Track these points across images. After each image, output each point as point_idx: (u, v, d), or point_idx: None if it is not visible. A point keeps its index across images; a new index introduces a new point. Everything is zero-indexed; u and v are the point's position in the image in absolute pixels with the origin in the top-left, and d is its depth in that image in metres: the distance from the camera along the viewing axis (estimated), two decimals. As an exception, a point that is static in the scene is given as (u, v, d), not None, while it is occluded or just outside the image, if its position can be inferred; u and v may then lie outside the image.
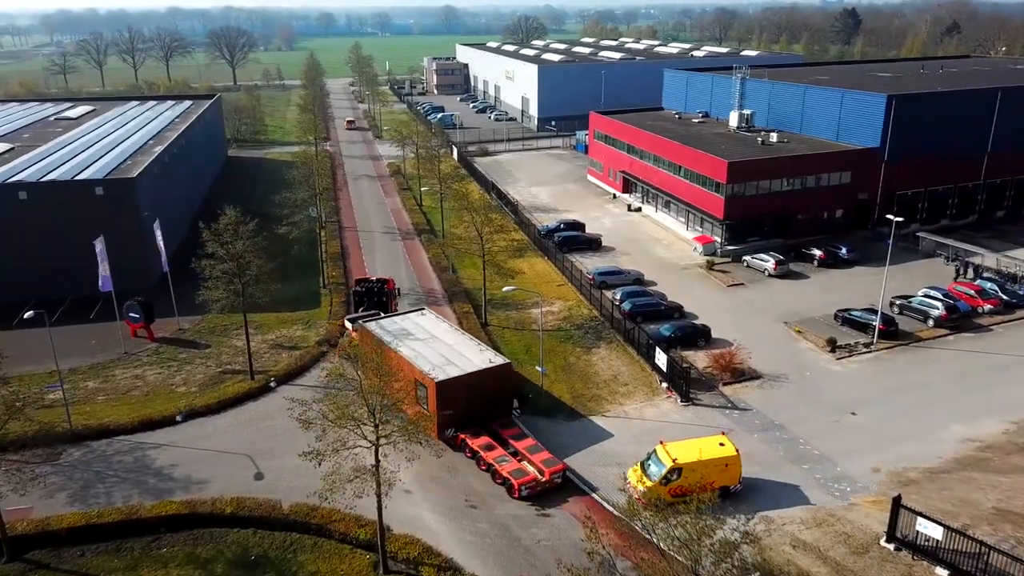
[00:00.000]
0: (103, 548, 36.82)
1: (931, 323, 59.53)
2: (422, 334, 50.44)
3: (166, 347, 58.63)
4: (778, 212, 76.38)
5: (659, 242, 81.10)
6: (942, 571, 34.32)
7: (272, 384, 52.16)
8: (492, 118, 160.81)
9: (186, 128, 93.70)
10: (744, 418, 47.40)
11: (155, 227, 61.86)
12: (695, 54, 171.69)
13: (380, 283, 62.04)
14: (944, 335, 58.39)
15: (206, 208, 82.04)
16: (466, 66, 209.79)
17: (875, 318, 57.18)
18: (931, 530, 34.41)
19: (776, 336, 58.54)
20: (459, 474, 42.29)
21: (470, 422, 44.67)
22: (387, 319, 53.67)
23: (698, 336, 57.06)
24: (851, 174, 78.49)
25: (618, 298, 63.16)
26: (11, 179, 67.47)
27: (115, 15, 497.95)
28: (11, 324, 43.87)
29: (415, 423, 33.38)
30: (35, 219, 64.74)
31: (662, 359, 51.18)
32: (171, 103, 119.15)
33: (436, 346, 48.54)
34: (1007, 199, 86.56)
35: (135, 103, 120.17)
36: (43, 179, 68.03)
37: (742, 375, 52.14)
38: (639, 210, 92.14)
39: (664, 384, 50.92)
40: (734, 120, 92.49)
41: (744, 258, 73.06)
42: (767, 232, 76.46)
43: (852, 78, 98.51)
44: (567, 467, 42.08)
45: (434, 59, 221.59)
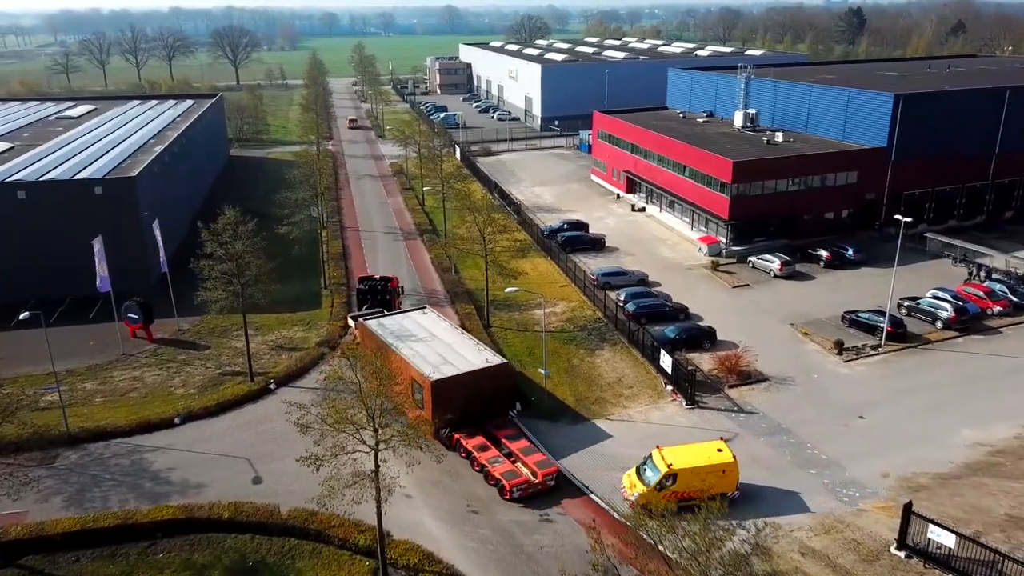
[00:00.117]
0: (98, 554, 36.22)
1: (940, 325, 58.75)
2: (422, 333, 50.14)
3: (165, 348, 58.04)
4: (784, 212, 75.59)
5: (663, 242, 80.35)
6: (954, 580, 33.65)
7: (272, 386, 51.58)
8: (495, 118, 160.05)
9: (187, 127, 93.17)
10: (750, 422, 46.66)
11: (154, 227, 61.28)
12: (699, 53, 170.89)
13: (384, 281, 61.99)
14: (953, 337, 57.62)
15: (207, 208, 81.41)
16: (469, 66, 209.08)
17: (883, 320, 56.41)
18: (943, 538, 33.66)
19: (782, 338, 57.78)
20: (460, 478, 41.61)
21: (466, 422, 44.21)
22: (388, 317, 53.46)
23: (703, 338, 56.33)
24: (857, 174, 77.68)
25: (622, 299, 62.51)
26: (10, 178, 66.98)
27: (118, 15, 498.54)
28: (8, 325, 43.16)
29: (415, 427, 32.69)
30: (34, 219, 64.27)
31: (667, 361, 50.46)
32: (172, 102, 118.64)
33: (435, 345, 48.21)
34: (1015, 199, 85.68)
35: (136, 102, 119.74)
36: (42, 178, 67.55)
37: (748, 378, 51.41)
38: (643, 210, 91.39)
39: (669, 387, 50.18)
40: (739, 119, 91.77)
41: (749, 259, 72.32)
42: (773, 232, 75.66)
43: (858, 77, 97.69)
44: (560, 469, 41.51)
45: (437, 59, 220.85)
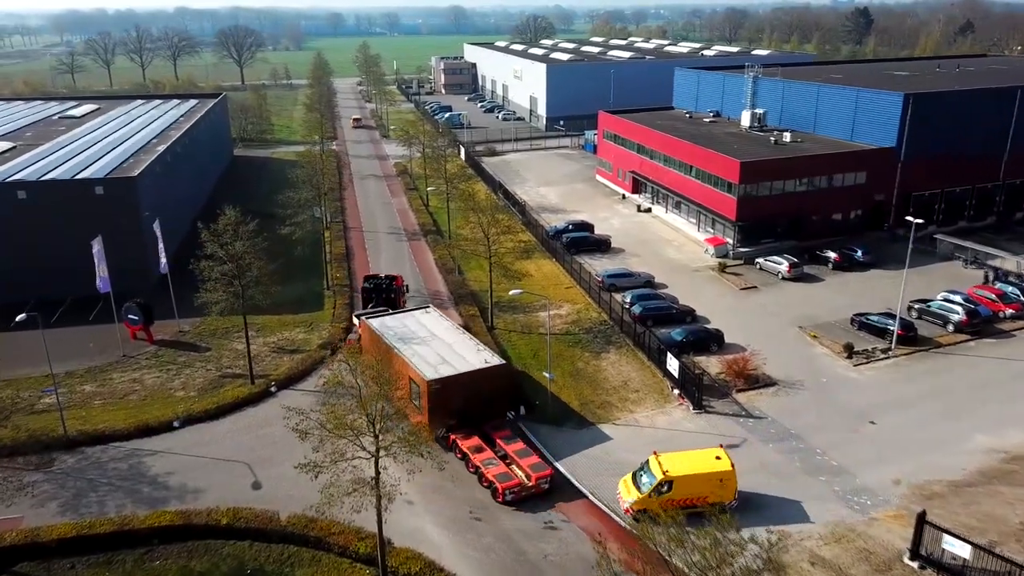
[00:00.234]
0: (94, 560, 35.57)
1: (951, 328, 57.78)
2: (422, 332, 49.99)
3: (166, 350, 57.42)
4: (792, 213, 74.63)
5: (670, 244, 79.47)
6: (969, 591, 32.79)
7: (273, 389, 50.94)
8: (500, 118, 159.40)
9: (190, 127, 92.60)
10: (759, 427, 45.79)
11: (155, 227, 60.67)
12: (706, 53, 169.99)
13: (389, 279, 61.78)
14: (965, 340, 56.65)
15: (210, 208, 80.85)
16: (474, 66, 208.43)
17: (893, 323, 55.49)
18: (958, 548, 32.78)
19: (791, 341, 56.87)
20: (463, 484, 40.83)
21: (464, 422, 43.71)
22: (390, 316, 53.41)
23: (711, 341, 55.47)
24: (866, 174, 76.67)
25: (628, 301, 61.70)
26: (11, 178, 66.49)
27: (124, 15, 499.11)
28: (8, 326, 42.62)
29: (416, 433, 31.93)
30: (35, 218, 63.77)
31: (674, 365, 49.63)
32: (176, 102, 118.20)
33: (434, 345, 48.03)
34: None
35: (140, 102, 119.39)
36: (43, 178, 67.03)
37: (756, 382, 50.53)
38: (649, 211, 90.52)
39: (676, 391, 49.34)
40: (746, 119, 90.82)
41: (757, 260, 71.42)
42: (780, 234, 74.71)
43: (866, 77, 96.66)
44: (554, 473, 40.88)
45: (442, 59, 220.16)
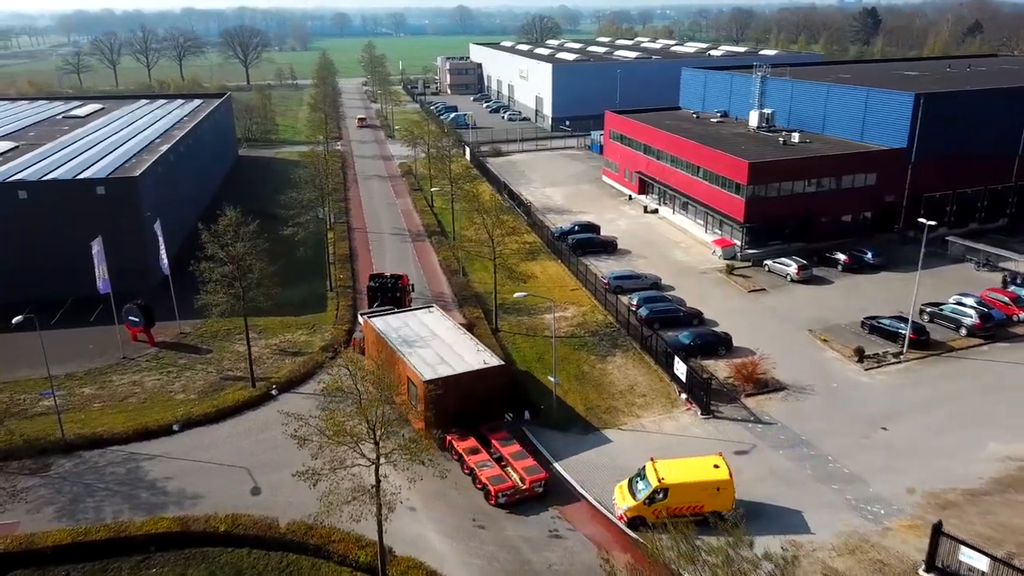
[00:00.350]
0: (89, 568, 34.86)
1: (964, 332, 56.73)
2: (424, 332, 49.78)
3: (166, 352, 56.76)
4: (800, 214, 73.62)
5: (677, 245, 78.52)
6: (988, 605, 31.77)
7: (274, 392, 50.24)
8: (505, 118, 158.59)
9: (193, 127, 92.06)
10: (768, 433, 44.84)
11: (156, 227, 60.01)
12: (713, 53, 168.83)
13: (394, 279, 61.39)
14: (978, 345, 55.61)
15: (214, 208, 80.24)
16: (480, 66, 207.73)
17: (905, 326, 54.48)
18: (976, 560, 31.82)
19: (800, 344, 55.91)
20: (466, 491, 39.93)
21: (461, 423, 43.08)
22: (392, 315, 53.17)
23: (719, 344, 54.57)
24: (876, 175, 75.61)
25: (634, 303, 60.81)
26: (12, 178, 65.95)
27: (131, 15, 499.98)
28: (7, 327, 42.03)
29: (417, 440, 31.09)
30: (36, 218, 63.23)
31: (681, 369, 48.73)
32: (180, 102, 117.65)
33: (435, 345, 47.74)
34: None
35: (144, 102, 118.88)
36: (44, 178, 66.48)
37: (765, 386, 49.60)
38: (656, 212, 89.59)
39: (683, 395, 48.44)
40: (754, 120, 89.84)
41: (765, 262, 70.47)
42: (789, 235, 73.71)
43: (876, 77, 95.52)
44: (549, 476, 40.26)
45: (448, 59, 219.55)
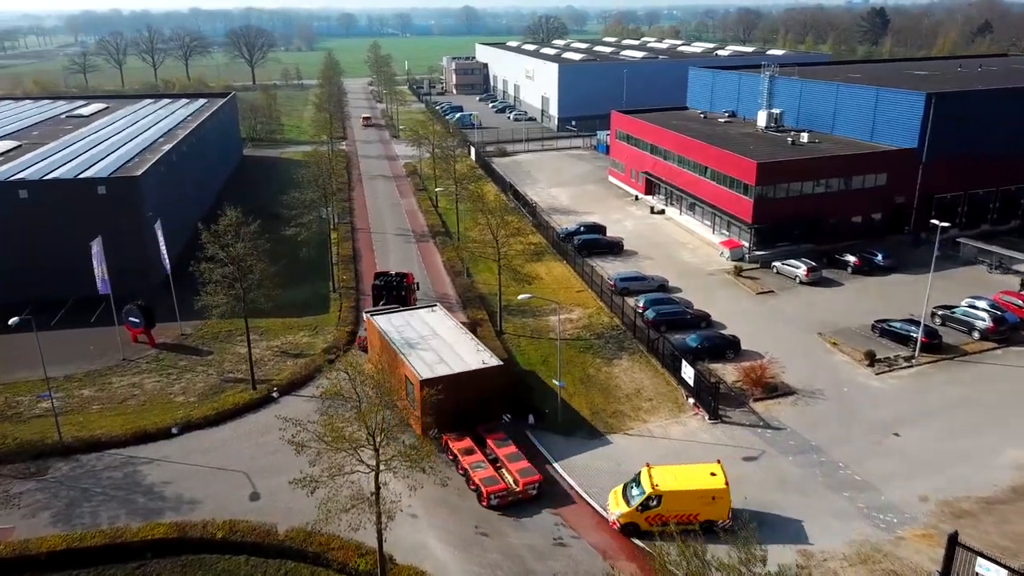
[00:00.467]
0: (84, 575, 34.10)
1: (977, 336, 55.70)
2: (425, 331, 49.43)
3: (167, 354, 56.12)
4: (809, 216, 72.60)
5: (684, 246, 77.58)
6: (1006, 619, 30.81)
7: (275, 394, 49.53)
8: (511, 118, 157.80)
9: (197, 126, 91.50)
10: (778, 438, 43.92)
11: (157, 227, 59.37)
12: (720, 53, 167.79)
13: (399, 277, 61.04)
14: (991, 349, 54.55)
15: (217, 208, 79.82)
16: (485, 66, 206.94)
17: (916, 329, 53.48)
18: (993, 573, 30.77)
19: (810, 348, 54.93)
20: (469, 497, 39.16)
21: (458, 423, 42.55)
22: (395, 314, 52.83)
23: (727, 347, 53.62)
24: (887, 176, 74.55)
25: (641, 306, 59.91)
26: (13, 177, 65.44)
27: (138, 16, 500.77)
28: (6, 328, 41.44)
29: (418, 447, 30.31)
30: (37, 218, 62.71)
31: (688, 372, 47.84)
32: (185, 101, 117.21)
33: (435, 344, 47.35)
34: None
35: (149, 101, 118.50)
36: (46, 177, 65.95)
37: (774, 390, 48.68)
38: (662, 212, 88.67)
39: (691, 400, 47.54)
40: (762, 120, 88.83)
41: (774, 264, 69.50)
42: (798, 237, 72.70)
43: (886, 77, 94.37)
44: (543, 479, 39.63)
45: (453, 59, 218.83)
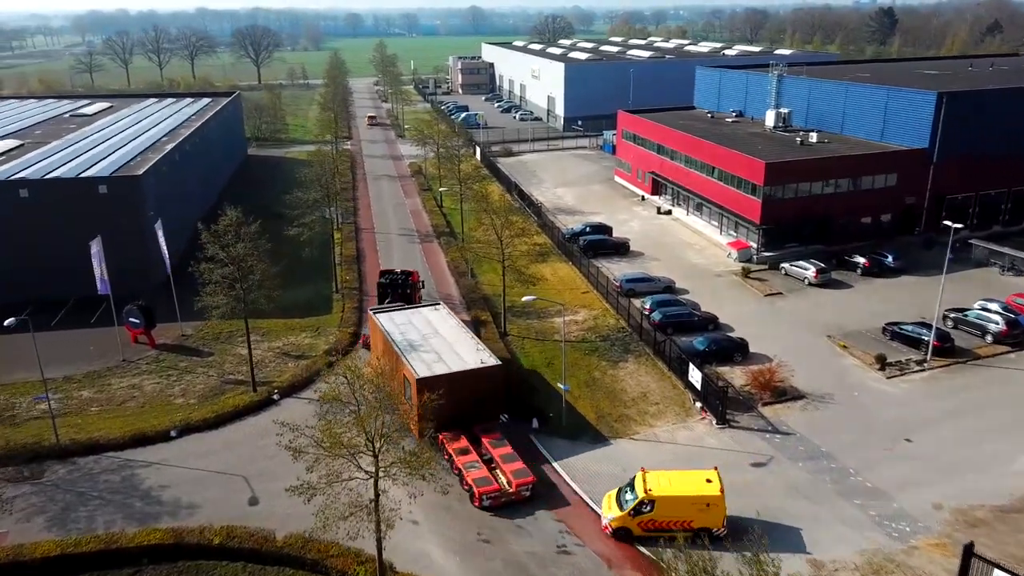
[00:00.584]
0: (78, 581, 33.55)
1: (990, 339, 54.66)
2: (426, 329, 49.05)
3: (167, 355, 55.50)
4: (818, 216, 71.60)
5: (691, 247, 76.67)
6: (1023, 632, 29.90)
7: (275, 397, 48.86)
8: (517, 118, 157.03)
9: (200, 125, 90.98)
10: (787, 444, 43.02)
11: (157, 227, 58.75)
12: (727, 52, 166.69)
13: (405, 275, 60.73)
14: (1004, 352, 53.48)
15: (220, 208, 79.28)
16: (491, 65, 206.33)
17: (928, 333, 52.49)
18: (1011, 585, 29.95)
19: (819, 351, 53.98)
20: (471, 503, 38.43)
21: (455, 422, 41.96)
22: (398, 312, 52.51)
23: (735, 350, 52.70)
24: (897, 176, 73.50)
25: (647, 307, 59.05)
26: (14, 176, 64.96)
27: (145, 16, 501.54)
28: (6, 328, 40.89)
29: (418, 454, 29.54)
30: (37, 217, 62.19)
31: (696, 376, 46.96)
32: (189, 100, 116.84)
33: (435, 342, 46.95)
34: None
35: (152, 100, 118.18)
36: (46, 176, 65.45)
37: (783, 394, 47.77)
38: (669, 213, 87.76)
39: (698, 404, 46.66)
40: (770, 119, 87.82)
41: (782, 265, 68.53)
42: (807, 238, 71.67)
43: (896, 76, 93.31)
44: (537, 480, 39.04)
45: (459, 58, 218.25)
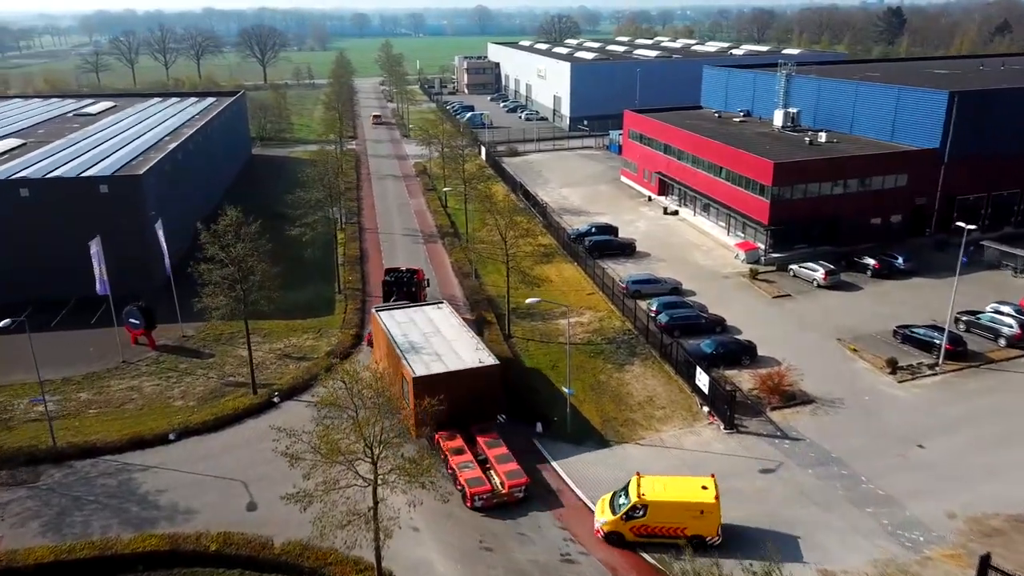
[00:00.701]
0: (72, 588, 32.93)
1: (1003, 342, 53.68)
2: (428, 328, 48.55)
3: (167, 356, 54.90)
4: (828, 217, 70.63)
5: (698, 248, 75.76)
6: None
7: (276, 399, 48.20)
8: (523, 117, 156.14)
9: (203, 125, 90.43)
10: (796, 449, 42.12)
11: (157, 227, 58.13)
12: (734, 52, 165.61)
13: (410, 273, 60.44)
14: (1018, 356, 52.48)
15: (223, 207, 78.70)
16: (497, 65, 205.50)
17: (940, 336, 51.50)
18: (1029, 598, 29.07)
19: (829, 354, 53.04)
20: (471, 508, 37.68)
21: (452, 422, 41.33)
22: (400, 310, 52.13)
23: (742, 353, 51.85)
24: (907, 177, 72.48)
25: (654, 309, 58.22)
26: (15, 175, 64.47)
27: (152, 16, 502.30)
28: (7, 328, 40.36)
29: (417, 461, 28.78)
30: (38, 217, 61.67)
31: (703, 379, 46.09)
32: (193, 100, 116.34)
33: (435, 341, 46.45)
34: (1078, 206, 79.75)
35: (157, 100, 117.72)
36: (48, 175, 64.94)
37: (792, 399, 46.88)
38: (676, 213, 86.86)
39: (705, 408, 45.80)
40: (779, 119, 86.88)
41: (791, 267, 67.57)
42: (815, 239, 70.73)
43: (906, 75, 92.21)
44: (531, 482, 38.56)
45: (465, 58, 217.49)
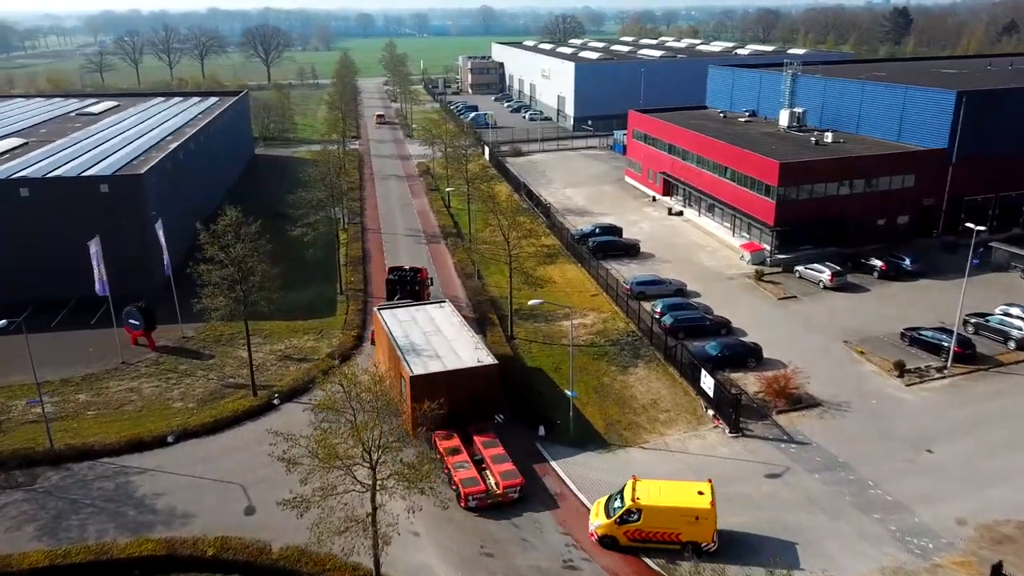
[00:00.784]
0: (67, 593, 32.46)
1: (1012, 345, 52.94)
2: (428, 327, 48.40)
3: (167, 357, 54.45)
4: (834, 218, 69.93)
5: (703, 249, 75.13)
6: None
7: (276, 401, 47.74)
8: (527, 117, 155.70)
9: (206, 124, 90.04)
10: (803, 454, 41.49)
11: (158, 227, 57.70)
12: (740, 52, 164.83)
13: (413, 271, 60.21)
14: (1027, 359, 51.90)
15: (224, 207, 78.34)
16: (501, 65, 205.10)
17: (949, 338, 50.82)
18: (1042, 608, 28.43)
19: (835, 357, 52.39)
20: (473, 514, 37.10)
21: (450, 421, 40.92)
22: (401, 308, 51.97)
23: (748, 356, 51.23)
24: (915, 177, 71.75)
25: (658, 311, 57.62)
26: (16, 174, 64.11)
27: (157, 16, 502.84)
28: (8, 328, 39.95)
29: (416, 466, 28.25)
30: (38, 217, 61.29)
31: (708, 382, 45.47)
32: (196, 99, 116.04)
33: (435, 340, 46.26)
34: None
35: (160, 99, 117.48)
36: (48, 175, 64.59)
37: (799, 402, 46.24)
38: (680, 214, 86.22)
39: (710, 411, 45.19)
40: (784, 119, 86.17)
41: (796, 268, 66.90)
42: (821, 240, 70.05)
43: (913, 75, 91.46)
44: (525, 483, 38.22)
45: (469, 58, 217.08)
